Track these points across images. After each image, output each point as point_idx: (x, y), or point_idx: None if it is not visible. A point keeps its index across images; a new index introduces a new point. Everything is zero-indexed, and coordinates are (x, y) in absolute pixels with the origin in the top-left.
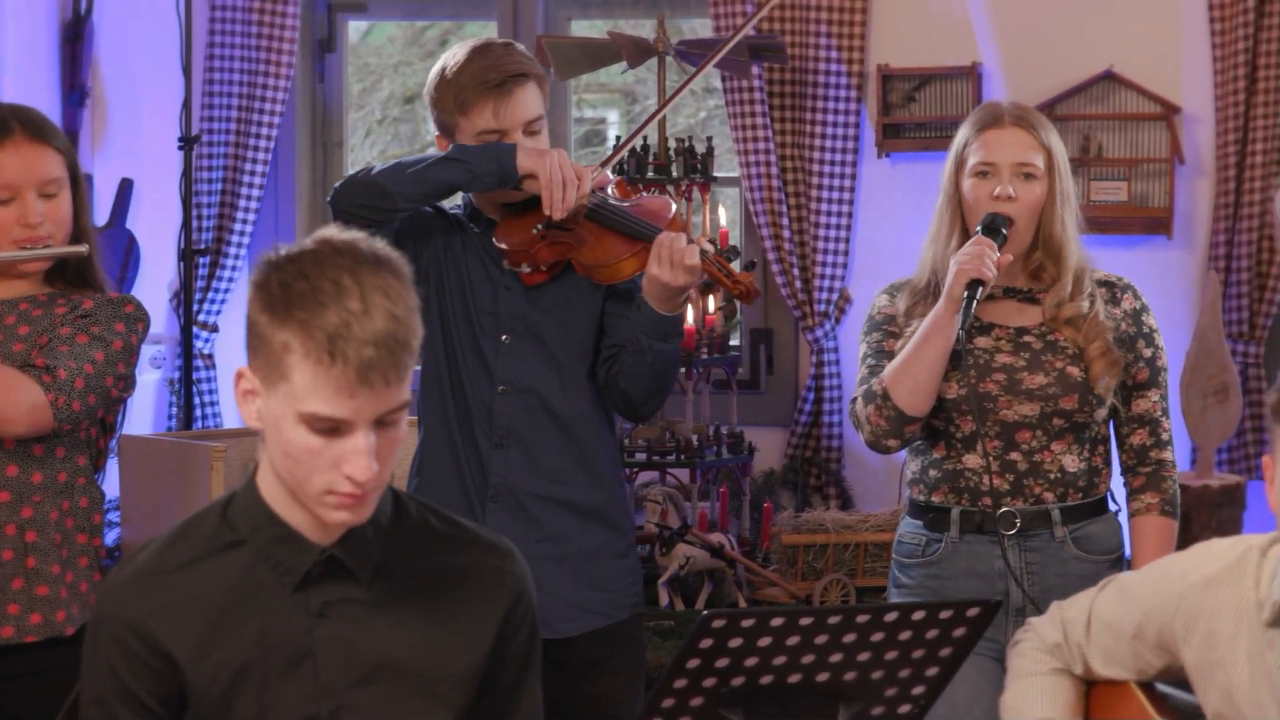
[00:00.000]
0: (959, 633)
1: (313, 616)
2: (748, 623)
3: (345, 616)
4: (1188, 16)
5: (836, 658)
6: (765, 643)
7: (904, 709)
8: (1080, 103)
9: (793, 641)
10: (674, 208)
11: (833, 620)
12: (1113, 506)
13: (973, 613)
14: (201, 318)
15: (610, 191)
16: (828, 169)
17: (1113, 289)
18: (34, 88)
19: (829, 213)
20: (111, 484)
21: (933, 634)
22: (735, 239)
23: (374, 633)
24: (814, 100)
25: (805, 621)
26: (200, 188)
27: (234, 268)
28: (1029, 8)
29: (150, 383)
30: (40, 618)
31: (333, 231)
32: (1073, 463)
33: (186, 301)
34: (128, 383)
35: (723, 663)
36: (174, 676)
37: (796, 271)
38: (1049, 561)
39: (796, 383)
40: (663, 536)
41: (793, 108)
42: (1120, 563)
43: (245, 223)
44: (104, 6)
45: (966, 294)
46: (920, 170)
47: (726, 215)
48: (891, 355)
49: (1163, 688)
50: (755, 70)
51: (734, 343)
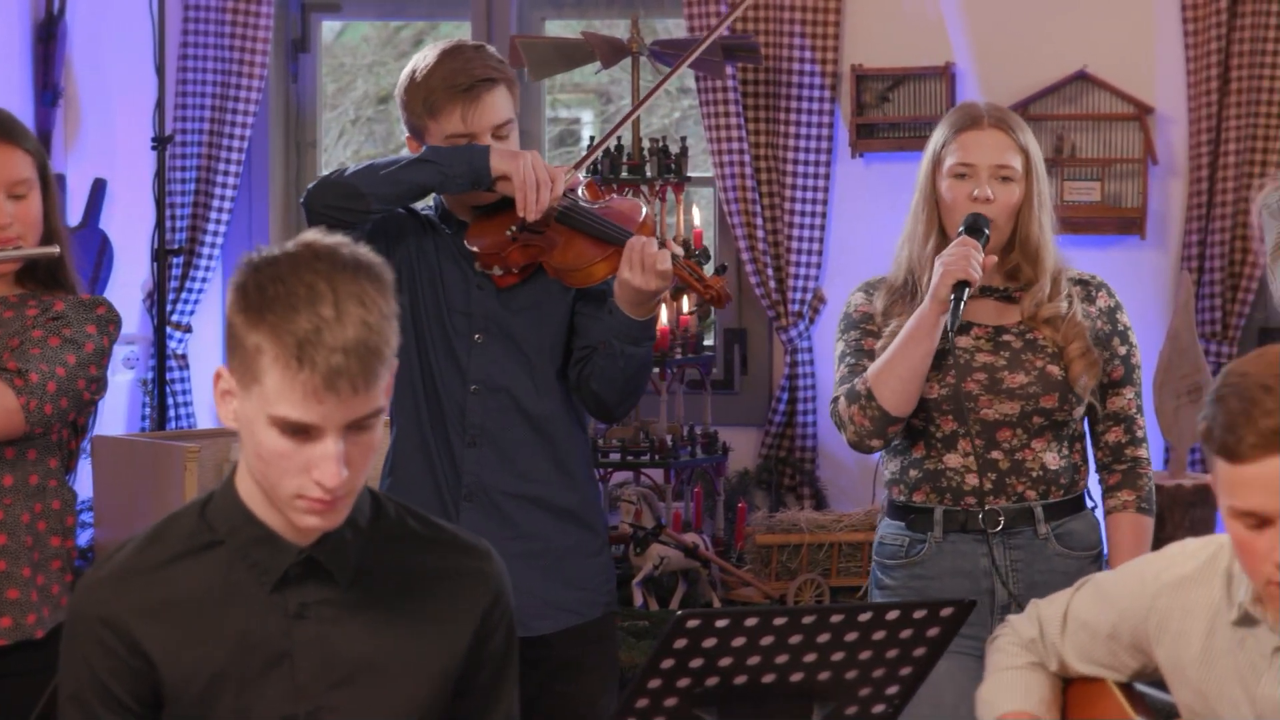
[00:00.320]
0: (933, 632)
1: (290, 617)
2: (722, 623)
3: (323, 617)
4: (1161, 17)
5: (810, 658)
6: (739, 643)
7: (878, 709)
8: (1054, 103)
9: (767, 641)
10: (644, 210)
11: (807, 620)
12: (1089, 503)
13: (946, 612)
14: (175, 318)
15: (580, 193)
16: (801, 169)
17: (1087, 287)
18: (6, 88)
19: (803, 213)
20: (85, 485)
21: (907, 634)
22: (709, 239)
23: (352, 634)
24: (788, 100)
25: (779, 621)
26: (174, 188)
27: (207, 268)
28: (1002, 8)
29: (123, 383)
30: (10, 621)
31: (316, 235)
32: (1054, 460)
33: (160, 302)
34: (99, 385)
35: (697, 663)
36: (151, 675)
37: (770, 272)
38: (1033, 559)
39: (770, 383)
40: (637, 536)
41: (767, 108)
42: (1100, 559)
43: (219, 223)
44: (76, 6)
45: (954, 295)
46: (894, 170)
47: (700, 215)
48: (871, 354)
49: (1140, 686)
50: (729, 70)
51: (708, 343)
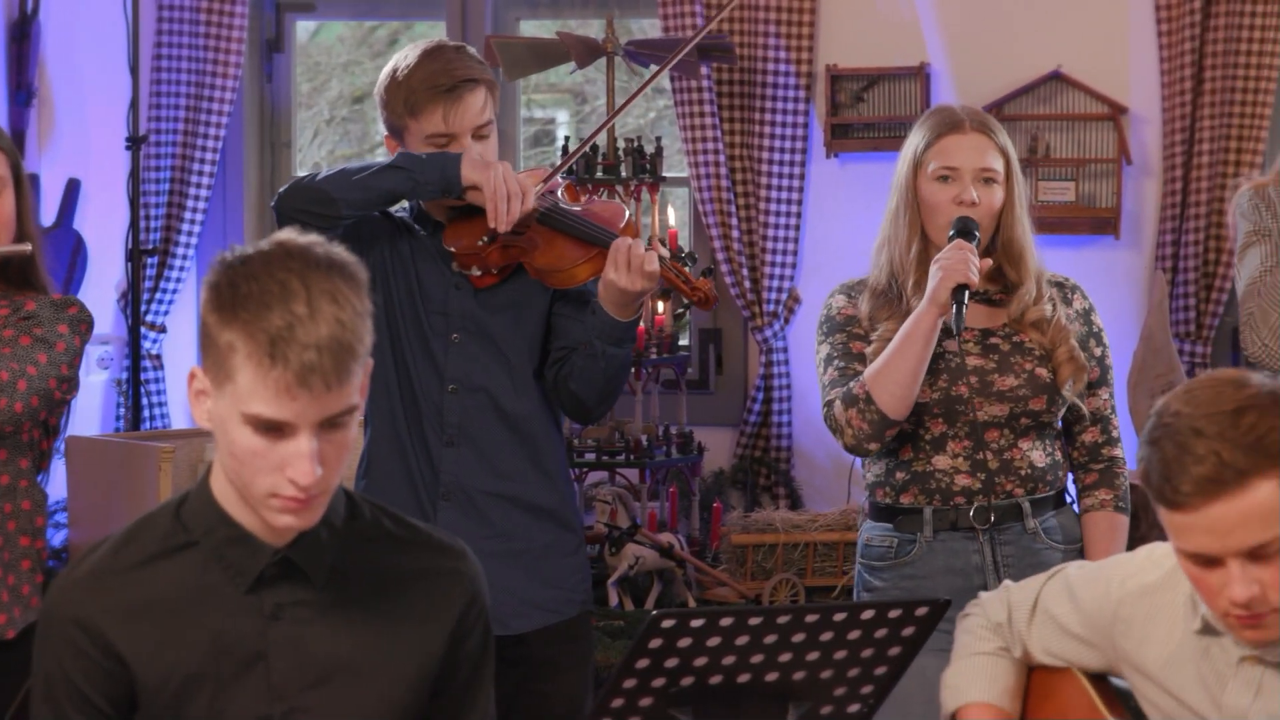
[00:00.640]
0: (908, 632)
1: (266, 618)
2: (697, 623)
3: (298, 618)
4: (1135, 18)
5: (785, 657)
6: (714, 642)
7: (853, 708)
8: (1028, 103)
9: (742, 641)
10: (627, 214)
11: (781, 620)
12: (1067, 498)
13: (922, 612)
14: (149, 318)
15: (560, 195)
16: (776, 169)
17: (1063, 289)
18: None
19: (778, 213)
20: (59, 485)
21: (882, 633)
22: (684, 239)
23: (327, 634)
24: (763, 100)
25: (754, 621)
26: (148, 188)
27: (182, 268)
28: (977, 8)
29: (98, 383)
30: None
31: (290, 234)
32: (1040, 458)
33: (134, 302)
34: (71, 385)
35: (672, 663)
36: (124, 677)
37: (745, 271)
38: (1022, 554)
39: (745, 383)
40: (612, 536)
41: (741, 108)
42: (1081, 553)
43: (193, 223)
44: (50, 6)
45: (955, 300)
46: (869, 170)
47: (675, 215)
48: (860, 357)
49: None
50: (704, 71)
51: (683, 343)
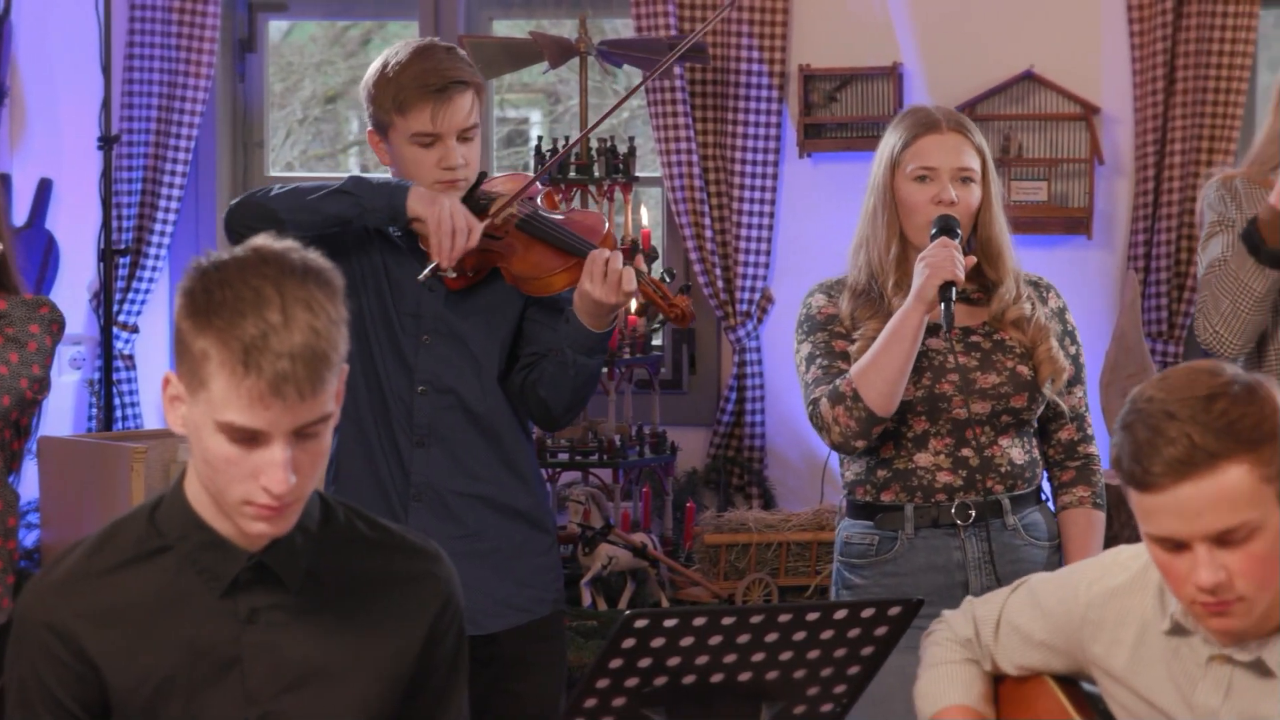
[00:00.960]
0: (881, 631)
1: (240, 623)
2: (670, 622)
3: (273, 623)
4: (1107, 18)
5: (759, 657)
6: (688, 642)
7: (826, 708)
8: (1000, 103)
9: (715, 641)
10: (607, 224)
11: (755, 620)
12: (1043, 495)
13: (894, 611)
14: (121, 318)
15: (539, 202)
16: (749, 169)
17: (1038, 288)
18: None
19: (751, 213)
20: (31, 485)
21: (855, 633)
22: (657, 239)
23: (302, 639)
24: (735, 100)
25: (727, 621)
26: (120, 188)
27: (154, 268)
28: (950, 8)
29: (70, 384)
30: None
31: (265, 240)
32: (1019, 455)
33: (106, 302)
34: (42, 385)
35: (645, 662)
36: (98, 682)
37: (719, 271)
38: (1003, 550)
39: (719, 383)
40: (585, 536)
41: (714, 108)
42: (1060, 549)
43: (166, 223)
44: (22, 5)
45: (943, 297)
46: (842, 170)
47: (648, 215)
48: (843, 355)
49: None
50: (677, 70)
51: (656, 343)
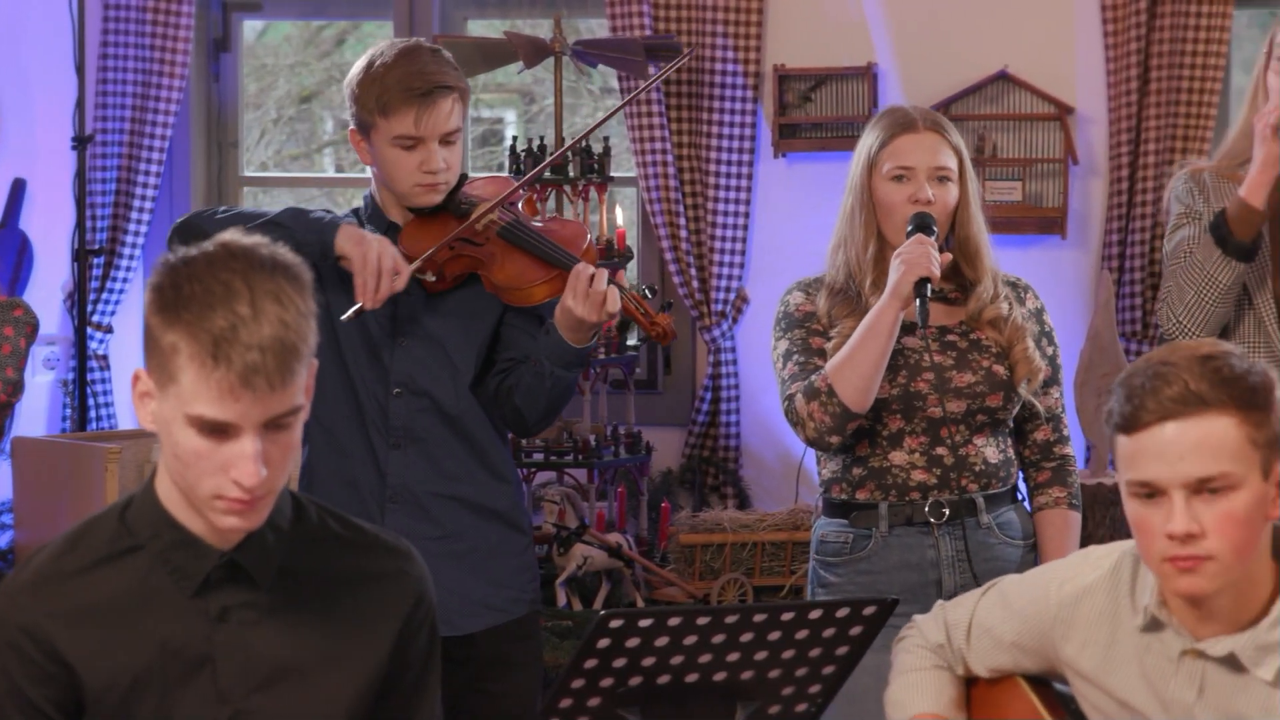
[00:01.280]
0: (855, 631)
1: (212, 621)
2: (645, 622)
3: (245, 621)
4: (1081, 18)
5: (734, 657)
6: (662, 642)
7: (800, 708)
8: (975, 103)
9: (690, 641)
10: (588, 236)
11: (730, 620)
12: (1019, 495)
13: (869, 611)
14: (95, 318)
15: (519, 207)
16: (724, 169)
17: (1015, 288)
18: None
19: (726, 213)
20: (5, 486)
21: (829, 633)
22: (632, 239)
23: (274, 637)
24: (710, 100)
25: (702, 621)
26: (94, 188)
27: (128, 268)
28: (924, 8)
29: (44, 384)
30: None
31: (233, 235)
32: (994, 454)
33: (80, 302)
34: (16, 387)
35: (620, 662)
36: (70, 682)
37: (694, 271)
38: (977, 548)
39: (694, 383)
40: (560, 536)
41: (689, 108)
42: (1035, 548)
43: (140, 223)
44: None
45: (918, 293)
46: (817, 170)
47: (623, 215)
48: (820, 352)
49: (1054, 684)
50: (652, 70)
51: (631, 343)
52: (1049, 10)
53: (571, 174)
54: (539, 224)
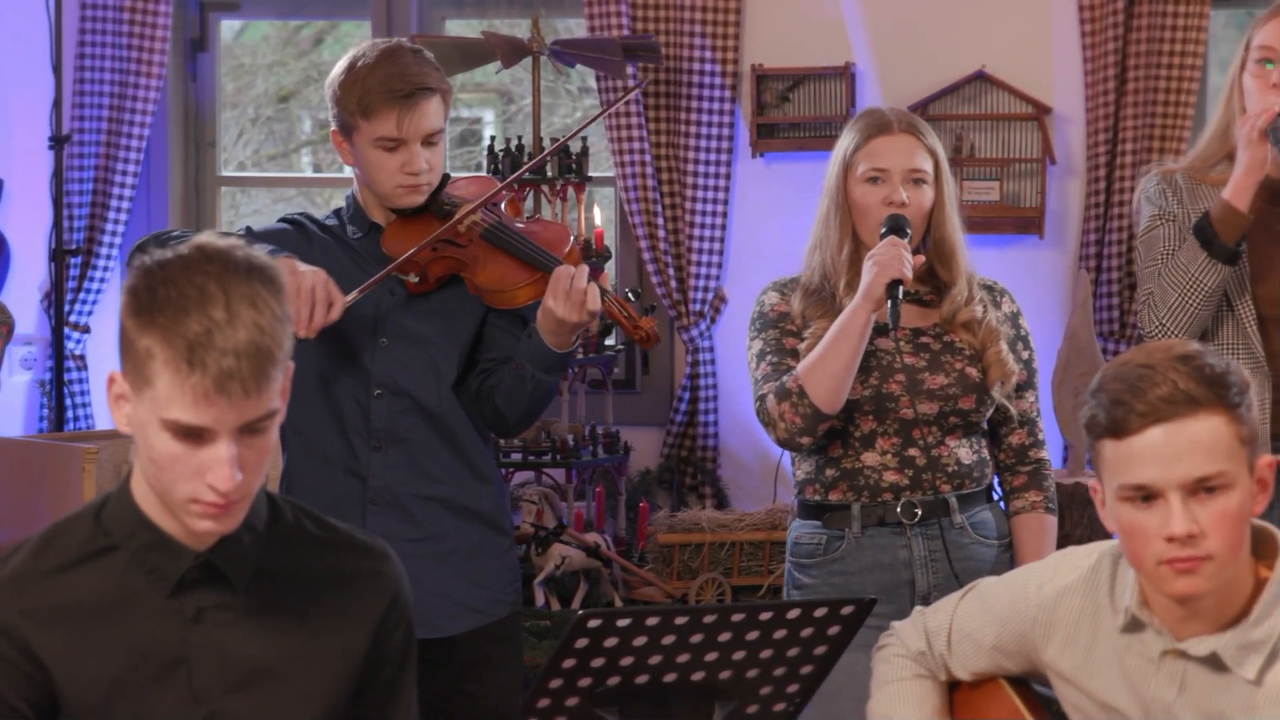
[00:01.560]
0: (834, 631)
1: (187, 622)
2: (623, 622)
3: (220, 622)
4: (1058, 18)
5: (712, 657)
6: (640, 642)
7: (779, 707)
8: (952, 103)
9: (668, 641)
10: (571, 238)
11: (708, 619)
12: (994, 495)
13: (847, 611)
14: (73, 318)
15: (502, 208)
16: (702, 169)
17: (992, 292)
18: None
19: (704, 212)
20: None
21: (808, 632)
22: (610, 239)
23: (249, 638)
24: (688, 100)
25: (680, 621)
26: (71, 187)
27: (105, 268)
28: (902, 9)
29: (20, 384)
30: None
31: (209, 238)
32: (967, 455)
33: (58, 302)
34: None
35: (598, 662)
36: (46, 682)
37: (672, 271)
38: (950, 548)
39: (672, 382)
40: (538, 536)
41: (667, 108)
42: (1010, 548)
43: (117, 223)
44: None
45: (890, 295)
46: (795, 170)
47: (601, 215)
48: (793, 353)
49: (1035, 685)
50: (630, 70)
51: (609, 342)
52: (1026, 10)
53: (549, 174)
54: (522, 225)
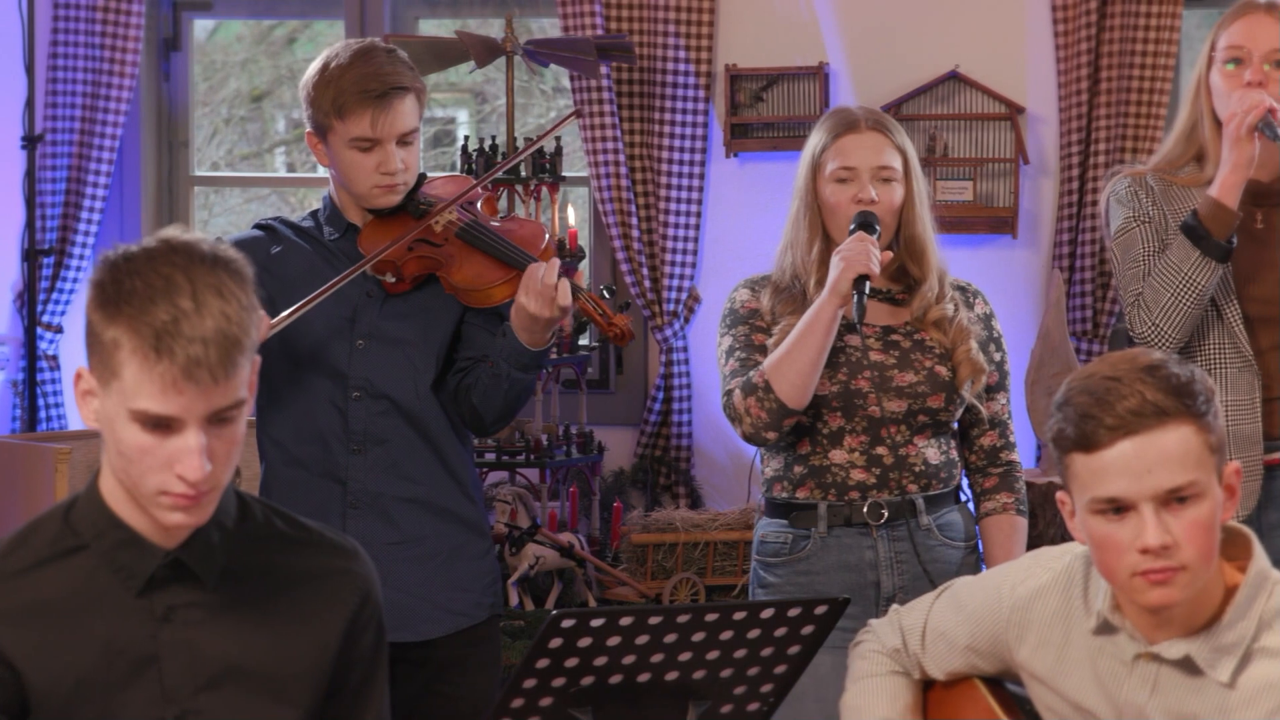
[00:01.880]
0: (808, 630)
1: (157, 621)
2: (597, 622)
3: (190, 620)
4: (1032, 18)
5: (685, 656)
6: (614, 642)
7: (753, 707)
8: (926, 103)
9: (642, 641)
10: (547, 236)
11: (682, 619)
12: (963, 496)
13: (821, 610)
14: (45, 318)
15: (478, 207)
16: (676, 169)
17: (965, 293)
18: None
19: (678, 212)
20: None
21: (781, 632)
22: (584, 239)
23: (219, 636)
24: (662, 100)
25: (654, 620)
26: (44, 187)
27: (78, 268)
28: (875, 9)
29: None
30: None
31: (174, 231)
32: (935, 455)
33: (30, 302)
34: None
35: (572, 662)
36: (14, 682)
37: (646, 271)
38: (916, 550)
39: (646, 382)
40: (512, 536)
41: (641, 108)
42: (978, 549)
43: (90, 223)
44: None
45: (856, 290)
46: (768, 170)
47: (575, 215)
48: (762, 349)
49: (1009, 685)
50: (604, 70)
51: (583, 342)
52: (1000, 10)
53: (523, 174)
54: (497, 224)
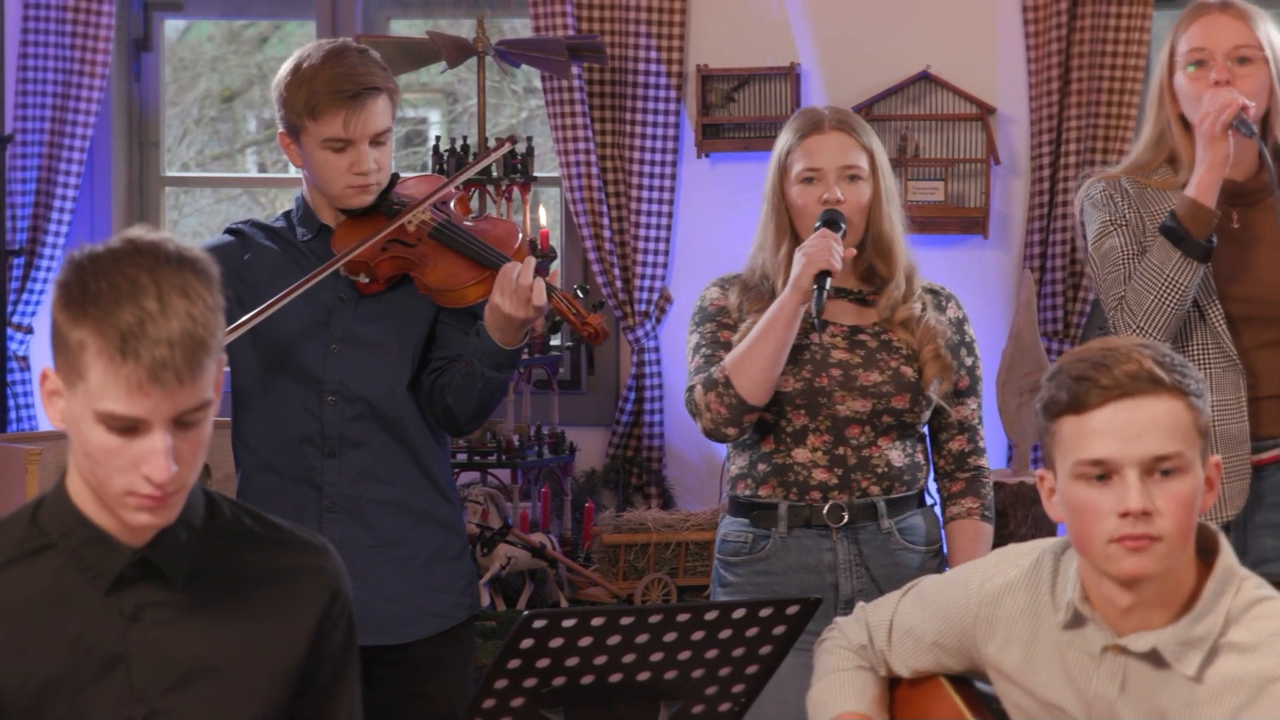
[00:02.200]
0: (779, 630)
1: (126, 620)
2: (569, 622)
3: (159, 619)
4: (1003, 19)
5: (657, 657)
6: (586, 642)
7: (724, 707)
8: (897, 103)
9: (614, 641)
10: (520, 235)
11: (653, 619)
12: (928, 500)
13: (792, 610)
14: (15, 319)
15: (451, 207)
16: (648, 169)
17: (937, 297)
18: None
19: (649, 213)
20: None
21: (753, 632)
22: (556, 239)
23: (188, 635)
24: (634, 100)
25: (626, 621)
26: (14, 188)
27: (49, 269)
28: (846, 9)
29: None
30: None
31: (139, 231)
32: (898, 457)
33: (0, 303)
34: None
35: (544, 663)
36: None
37: (617, 271)
38: (876, 553)
39: (618, 383)
40: (484, 537)
41: (613, 108)
42: (941, 554)
43: (60, 223)
44: None
45: (816, 285)
46: (740, 170)
47: (547, 215)
48: (727, 346)
49: (976, 683)
50: (575, 70)
51: (555, 342)
52: (970, 11)
53: (495, 174)
54: (470, 224)
